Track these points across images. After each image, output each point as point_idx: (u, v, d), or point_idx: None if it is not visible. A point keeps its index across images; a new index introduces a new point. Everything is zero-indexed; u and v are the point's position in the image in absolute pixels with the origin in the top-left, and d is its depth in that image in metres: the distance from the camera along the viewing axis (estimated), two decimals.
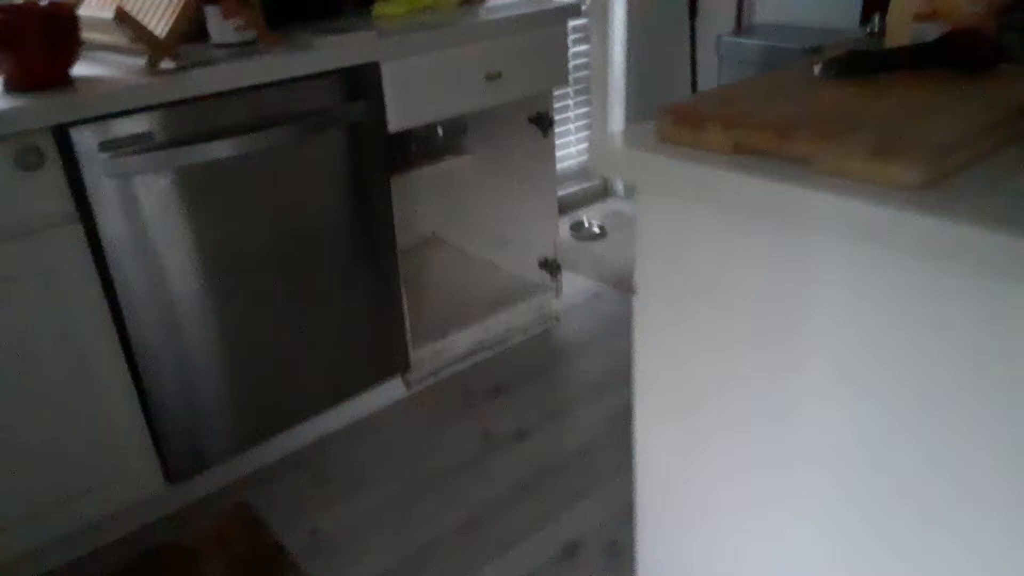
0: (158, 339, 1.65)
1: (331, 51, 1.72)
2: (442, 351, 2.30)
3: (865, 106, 0.96)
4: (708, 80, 3.26)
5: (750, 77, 1.14)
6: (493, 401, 2.22)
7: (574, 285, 2.78)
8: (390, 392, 2.20)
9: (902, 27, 1.24)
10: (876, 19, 1.65)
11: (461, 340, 2.34)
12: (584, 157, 3.44)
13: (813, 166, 0.87)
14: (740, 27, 3.15)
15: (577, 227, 3.20)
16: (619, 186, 3.50)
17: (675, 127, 0.99)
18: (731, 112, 0.97)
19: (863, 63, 1.09)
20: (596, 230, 3.18)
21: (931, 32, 1.20)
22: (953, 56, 1.07)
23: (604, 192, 3.53)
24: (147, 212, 1.56)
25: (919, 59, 1.09)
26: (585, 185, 3.46)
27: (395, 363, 2.12)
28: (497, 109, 2.23)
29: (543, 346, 2.48)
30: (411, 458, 2.01)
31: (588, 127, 3.40)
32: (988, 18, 1.17)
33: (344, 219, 1.88)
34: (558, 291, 2.52)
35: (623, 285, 2.77)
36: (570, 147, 3.39)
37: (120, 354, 1.62)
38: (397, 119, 1.88)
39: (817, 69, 1.09)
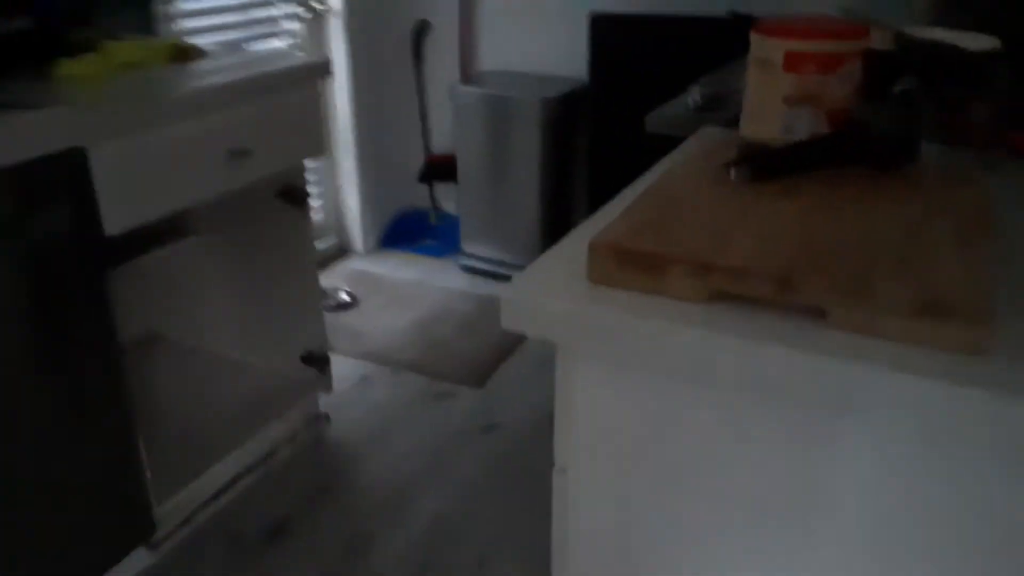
0: None
1: (11, 137, 1.21)
2: (194, 491, 1.82)
3: (834, 229, 0.80)
4: (443, 130, 3.07)
5: (653, 183, 0.92)
6: (272, 546, 1.79)
7: (335, 368, 2.40)
8: (132, 564, 1.67)
9: (769, 112, 1.10)
10: (697, 91, 1.55)
11: (216, 472, 1.87)
12: (316, 217, 3.06)
13: (828, 321, 0.67)
14: (465, 75, 3.00)
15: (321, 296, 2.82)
16: (358, 243, 3.17)
17: (620, 269, 0.75)
18: (695, 251, 0.74)
19: (777, 164, 0.94)
20: (344, 297, 2.83)
21: (802, 117, 1.09)
22: (871, 154, 0.96)
23: (341, 251, 3.18)
24: None
25: (833, 156, 0.97)
26: (319, 247, 3.07)
27: (135, 532, 1.61)
28: None
29: (318, 455, 2.09)
30: None
31: (317, 183, 3.02)
32: (856, 100, 1.08)
33: (46, 368, 1.36)
34: (328, 387, 2.15)
35: (392, 362, 2.46)
36: None
37: None
38: (117, 219, 1.40)
39: (733, 173, 0.92)
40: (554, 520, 0.89)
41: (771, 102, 1.09)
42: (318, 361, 2.08)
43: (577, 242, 0.84)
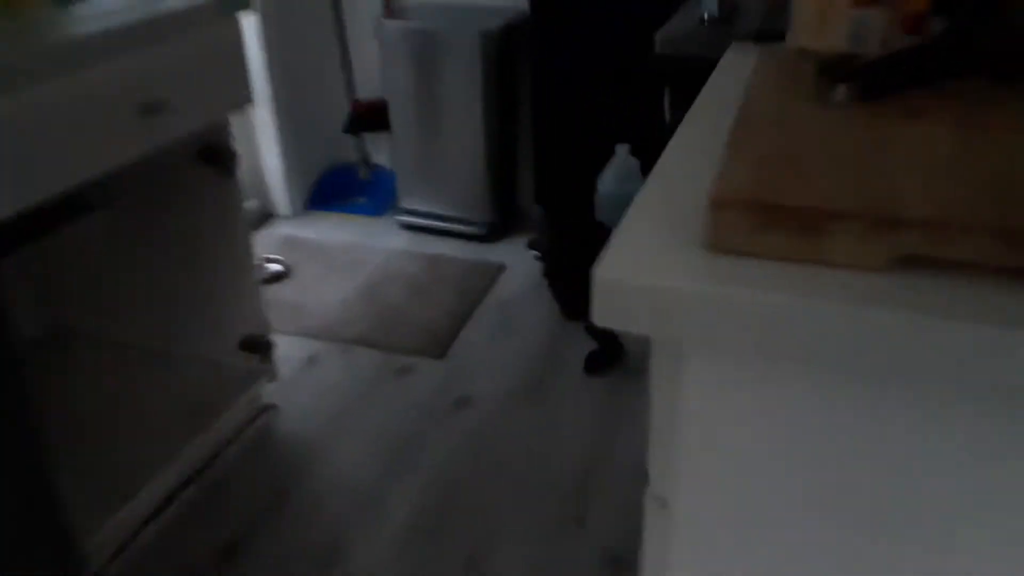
0: None
1: None
2: (129, 513, 1.54)
3: (1011, 160, 0.60)
4: (368, 70, 2.76)
5: (742, 111, 0.71)
6: (225, 568, 1.54)
7: (276, 350, 2.13)
8: None
9: (832, 18, 0.91)
10: (714, 4, 1.32)
11: (153, 489, 1.59)
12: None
13: None
14: (389, 8, 2.70)
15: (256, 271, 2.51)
16: (283, 206, 2.85)
17: (760, 232, 0.54)
18: (865, 202, 0.53)
19: (894, 79, 0.74)
20: (275, 268, 2.53)
21: (873, 22, 0.91)
22: (995, 61, 0.77)
23: (265, 216, 2.86)
24: None
25: (951, 66, 0.78)
26: None
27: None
28: None
29: (269, 454, 1.83)
30: None
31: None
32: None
33: None
34: (273, 375, 1.88)
35: (341, 338, 2.20)
36: None
37: None
38: (7, 197, 1.10)
39: (839, 92, 0.72)
40: (646, 566, 0.69)
41: (835, 5, 0.90)
42: (260, 346, 1.81)
43: (666, 197, 0.63)
